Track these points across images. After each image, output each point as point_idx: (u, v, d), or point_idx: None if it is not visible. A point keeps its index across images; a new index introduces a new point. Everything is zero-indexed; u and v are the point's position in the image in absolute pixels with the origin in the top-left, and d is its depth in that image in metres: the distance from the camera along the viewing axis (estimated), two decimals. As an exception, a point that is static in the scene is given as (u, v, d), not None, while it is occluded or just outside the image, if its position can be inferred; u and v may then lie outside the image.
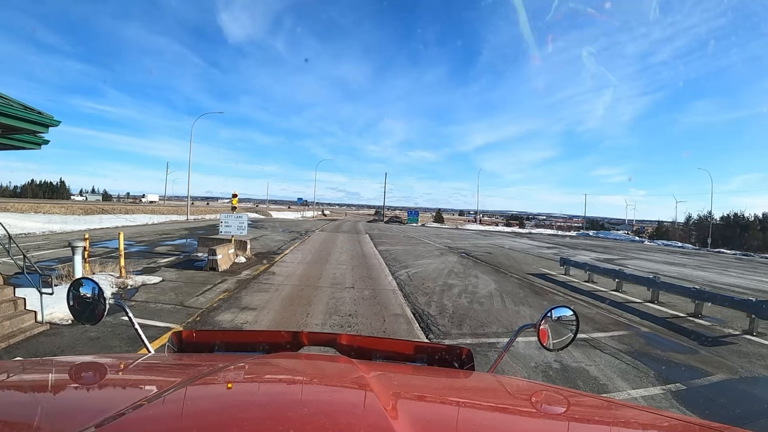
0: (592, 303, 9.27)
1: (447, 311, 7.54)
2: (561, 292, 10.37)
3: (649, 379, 5.11)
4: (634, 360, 5.68)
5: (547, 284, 11.44)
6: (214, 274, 9.60)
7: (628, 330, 7.34)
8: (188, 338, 1.50)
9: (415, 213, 67.34)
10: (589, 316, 8.07)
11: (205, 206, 73.61)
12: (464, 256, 17.05)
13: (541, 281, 11.88)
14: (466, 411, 0.93)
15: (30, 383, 0.96)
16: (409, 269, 12.27)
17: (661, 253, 29.40)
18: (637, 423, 0.94)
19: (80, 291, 1.37)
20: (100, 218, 28.85)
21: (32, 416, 0.72)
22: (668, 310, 9.10)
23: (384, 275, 10.96)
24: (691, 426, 0.86)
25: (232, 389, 0.91)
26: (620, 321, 7.91)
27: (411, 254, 16.74)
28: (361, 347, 1.52)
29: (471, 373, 1.42)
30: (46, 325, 5.67)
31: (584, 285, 11.71)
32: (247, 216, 11.92)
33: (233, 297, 7.64)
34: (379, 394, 0.80)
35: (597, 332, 7.03)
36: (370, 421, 0.70)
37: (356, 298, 7.99)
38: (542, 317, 1.42)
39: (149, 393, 0.82)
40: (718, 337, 7.21)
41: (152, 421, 0.68)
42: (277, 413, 0.73)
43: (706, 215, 55.57)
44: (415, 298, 8.44)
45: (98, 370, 1.12)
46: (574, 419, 0.96)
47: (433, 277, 11.15)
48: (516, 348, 5.82)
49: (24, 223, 21.34)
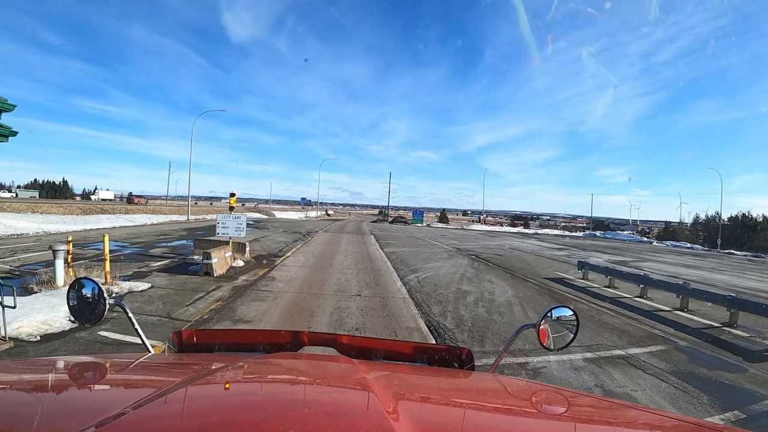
0: (620, 312, 8.48)
1: (465, 323, 6.77)
2: (584, 299, 9.57)
3: (703, 405, 4.40)
4: (682, 382, 4.97)
5: (566, 290, 10.64)
6: (208, 280, 8.86)
7: (666, 344, 6.61)
8: (188, 338, 1.49)
9: (420, 213, 66.46)
10: (619, 327, 7.31)
11: (209, 206, 73.18)
12: (475, 259, 16.25)
13: (559, 287, 11.08)
14: (466, 411, 0.94)
15: (30, 383, 0.95)
16: (419, 273, 11.48)
17: (671, 254, 28.66)
18: (637, 423, 0.94)
19: (80, 291, 1.36)
20: (98, 218, 28.27)
21: (32, 416, 0.70)
22: (700, 319, 8.36)
23: (392, 280, 10.18)
24: (691, 426, 0.87)
25: (232, 389, 0.89)
26: (654, 333, 7.15)
27: (419, 257, 15.94)
28: (362, 347, 1.51)
29: (471, 373, 1.41)
30: (10, 343, 4.94)
31: (606, 291, 10.92)
32: (245, 216, 11.19)
33: (227, 307, 6.88)
34: (379, 395, 0.80)
35: (633, 347, 6.32)
36: (370, 421, 0.70)
37: (364, 308, 7.22)
38: (542, 317, 1.39)
39: (149, 393, 0.79)
40: (763, 351, 6.46)
41: (152, 421, 0.67)
42: (277, 413, 0.73)
43: (714, 215, 55.00)
44: (428, 307, 7.65)
45: (98, 370, 1.12)
46: (575, 419, 0.96)
47: (445, 282, 10.35)
48: (549, 370, 5.14)
49: (20, 223, 20.76)
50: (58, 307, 6.55)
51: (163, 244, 15.76)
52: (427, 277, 10.99)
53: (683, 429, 0.89)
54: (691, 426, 0.86)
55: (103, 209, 35.00)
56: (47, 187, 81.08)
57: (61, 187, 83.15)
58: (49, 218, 25.32)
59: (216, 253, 9.63)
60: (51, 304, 6.58)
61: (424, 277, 10.97)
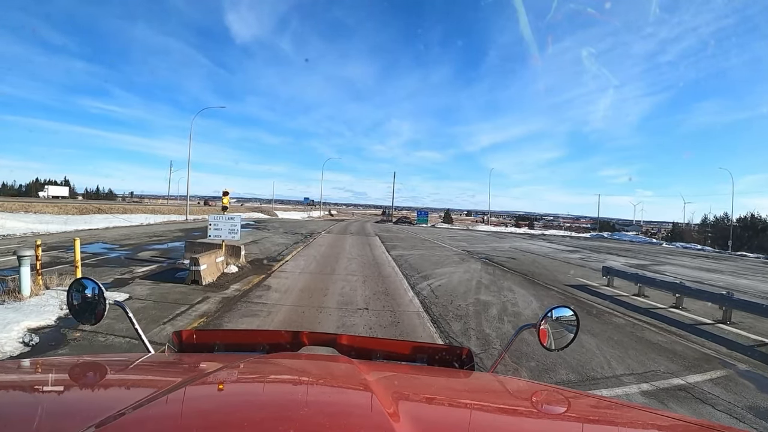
0: (661, 327, 7.46)
1: (493, 345, 5.72)
2: (617, 311, 8.50)
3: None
4: (762, 420, 4.12)
5: (594, 300, 9.57)
6: (195, 290, 7.84)
7: (725, 368, 5.67)
8: (188, 338, 1.49)
9: (425, 213, 65.22)
10: (666, 346, 6.33)
11: (212, 205, 72.49)
12: (488, 263, 15.15)
13: (585, 295, 10.01)
14: (466, 411, 0.94)
15: (30, 383, 0.95)
16: (431, 281, 10.40)
17: (685, 256, 27.62)
18: (637, 423, 0.94)
19: (80, 291, 1.35)
20: (92, 218, 27.40)
21: (32, 416, 0.70)
22: (749, 334, 7.41)
23: (403, 290, 9.10)
24: (691, 426, 0.86)
25: (232, 389, 0.91)
26: (707, 354, 6.18)
27: (429, 261, 14.85)
28: (362, 347, 1.50)
29: (471, 372, 1.40)
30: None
31: (637, 300, 9.88)
32: (240, 217, 10.16)
33: (211, 325, 5.84)
34: (379, 394, 0.79)
35: (691, 373, 5.36)
36: (370, 422, 0.70)
37: (372, 326, 6.17)
38: (542, 317, 1.36)
39: (149, 393, 0.79)
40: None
41: (152, 421, 0.67)
42: (277, 413, 0.72)
43: (723, 217, 54.14)
44: (447, 324, 6.59)
45: (98, 370, 1.11)
46: (575, 419, 0.96)
47: (462, 291, 9.28)
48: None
49: (10, 222, 19.91)
50: (12, 325, 5.53)
51: (155, 246, 14.77)
52: (440, 285, 9.92)
53: (683, 429, 0.88)
54: (691, 426, 0.86)
55: (100, 209, 34.12)
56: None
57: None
58: (42, 218, 24.47)
59: (205, 258, 8.61)
60: (4, 321, 5.58)
61: (438, 285, 9.90)
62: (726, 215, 53.95)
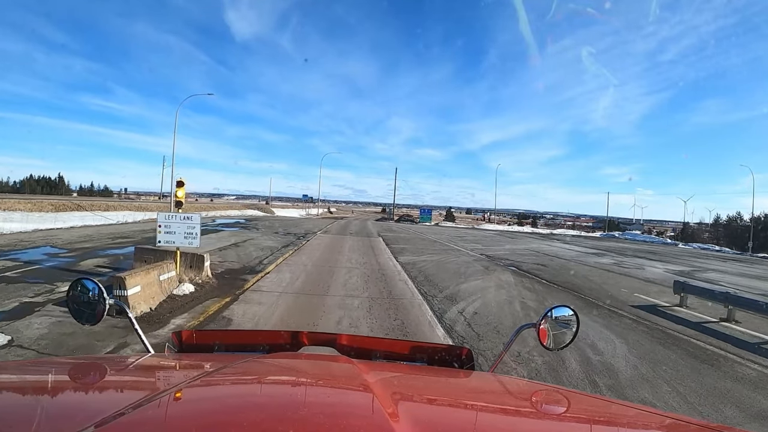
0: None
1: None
2: (730, 351, 5.84)
3: None
4: None
5: (683, 331, 6.93)
6: (115, 327, 5.15)
7: None
8: (188, 338, 1.47)
9: (428, 211, 62.44)
10: None
11: (209, 203, 69.87)
12: (518, 273, 12.40)
13: (667, 324, 7.36)
14: (466, 411, 0.92)
15: (30, 383, 0.94)
16: (461, 304, 7.62)
17: (713, 259, 25.28)
18: (637, 423, 0.93)
19: (81, 291, 1.32)
20: (66, 215, 24.69)
21: (32, 416, 0.68)
22: None
23: (427, 323, 6.30)
24: (691, 426, 0.85)
25: (232, 389, 0.90)
26: None
27: (447, 270, 12.06)
28: (361, 347, 1.48)
29: (471, 372, 1.39)
30: None
31: (734, 330, 7.35)
32: (199, 217, 7.47)
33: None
34: (379, 395, 0.78)
35: None
36: (370, 421, 0.68)
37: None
38: (542, 317, 1.33)
39: (149, 393, 0.78)
40: None
41: (152, 421, 0.66)
42: (276, 413, 0.71)
43: (736, 216, 52.16)
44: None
45: (98, 370, 1.09)
46: (575, 419, 0.94)
47: (510, 324, 6.52)
48: None
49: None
50: None
51: (111, 251, 12.03)
52: (476, 311, 7.15)
53: (683, 429, 0.88)
54: (691, 426, 0.85)
55: (80, 205, 31.44)
56: (42, 183, 77.74)
57: (57, 183, 79.76)
58: (11, 215, 21.87)
59: (140, 277, 5.90)
60: None
61: (472, 311, 7.13)
62: (739, 215, 51.84)
